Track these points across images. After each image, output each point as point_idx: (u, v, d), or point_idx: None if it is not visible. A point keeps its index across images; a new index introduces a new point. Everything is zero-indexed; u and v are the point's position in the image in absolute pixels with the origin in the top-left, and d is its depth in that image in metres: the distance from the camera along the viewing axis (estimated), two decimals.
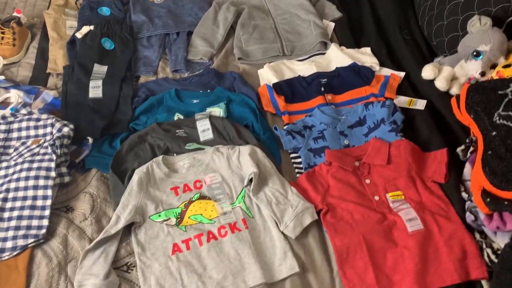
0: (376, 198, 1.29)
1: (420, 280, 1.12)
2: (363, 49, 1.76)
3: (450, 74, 1.56)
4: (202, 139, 1.46)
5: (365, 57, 1.72)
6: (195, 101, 1.59)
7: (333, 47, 1.75)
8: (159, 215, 1.25)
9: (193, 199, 1.29)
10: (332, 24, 1.88)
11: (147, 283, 1.14)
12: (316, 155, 1.40)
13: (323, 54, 1.78)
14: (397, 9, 1.89)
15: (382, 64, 1.70)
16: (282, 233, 1.22)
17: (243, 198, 1.29)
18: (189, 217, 1.25)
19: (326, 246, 1.23)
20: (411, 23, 1.87)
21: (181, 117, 1.54)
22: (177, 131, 1.47)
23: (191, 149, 1.43)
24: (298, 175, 1.39)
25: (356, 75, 1.63)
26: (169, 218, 1.25)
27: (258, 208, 1.27)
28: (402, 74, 1.65)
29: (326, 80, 1.62)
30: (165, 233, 1.22)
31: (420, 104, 1.53)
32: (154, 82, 1.68)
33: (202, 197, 1.29)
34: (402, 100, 1.56)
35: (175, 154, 1.41)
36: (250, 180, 1.29)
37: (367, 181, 1.33)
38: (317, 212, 1.26)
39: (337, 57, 1.72)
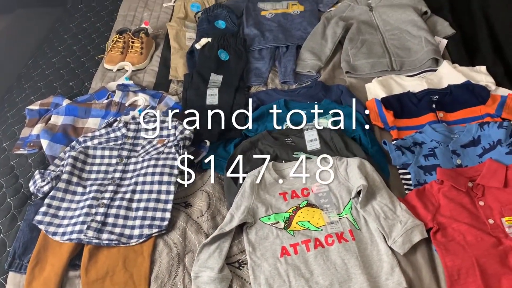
0: (491, 221, 1.24)
1: None
2: (477, 67, 1.71)
3: None
4: (309, 148, 1.51)
5: (480, 75, 1.67)
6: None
7: (445, 64, 1.72)
8: (269, 218, 1.31)
9: (301, 206, 1.34)
10: (445, 41, 1.85)
11: (257, 281, 1.20)
12: (426, 173, 1.39)
13: (434, 70, 1.75)
14: None
15: (498, 84, 1.63)
16: (390, 248, 1.23)
17: (350, 209, 1.31)
18: (296, 223, 1.30)
19: (435, 265, 1.21)
20: None
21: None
22: (285, 139, 1.54)
23: (298, 158, 1.48)
24: (407, 191, 1.38)
25: (470, 94, 1.59)
26: (278, 222, 1.30)
27: (365, 220, 1.29)
28: None
29: (437, 97, 1.60)
30: (274, 236, 1.28)
31: None
32: (264, 92, 1.77)
33: (310, 204, 1.34)
34: None
35: (283, 161, 1.47)
36: (358, 193, 1.31)
37: (481, 203, 1.29)
38: (426, 230, 1.25)
39: (450, 75, 1.68)
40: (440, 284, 1.18)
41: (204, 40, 1.89)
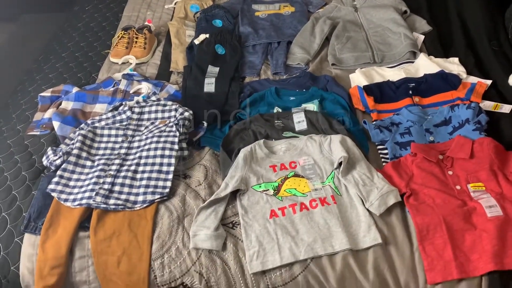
0: (458, 187, 1.39)
1: (497, 260, 1.20)
2: (451, 58, 1.88)
3: None
4: (297, 129, 1.66)
5: (453, 65, 1.83)
6: (292, 98, 1.81)
7: (422, 56, 1.88)
8: (260, 186, 1.46)
9: (288, 176, 1.48)
10: (422, 37, 2.02)
11: (249, 238, 1.34)
12: (402, 148, 1.54)
13: (412, 62, 1.92)
14: (487, 22, 1.99)
15: (469, 73, 1.80)
16: (368, 210, 1.37)
17: (332, 178, 1.46)
18: (284, 190, 1.44)
19: (408, 224, 1.35)
20: (501, 35, 1.95)
21: (280, 110, 1.76)
22: (275, 121, 1.69)
23: (287, 137, 1.63)
24: (384, 164, 1.53)
25: (443, 81, 1.75)
26: (268, 189, 1.45)
27: (345, 188, 1.43)
28: (489, 81, 1.74)
29: (414, 84, 1.75)
30: (264, 201, 1.42)
31: (506, 108, 1.61)
32: (257, 82, 1.93)
33: (296, 175, 1.48)
34: (487, 104, 1.65)
35: (273, 140, 1.62)
36: (340, 164, 1.46)
37: (450, 172, 1.44)
38: (400, 196, 1.39)
39: (426, 65, 1.85)
40: (412, 240, 1.32)
41: (202, 36, 2.06)
